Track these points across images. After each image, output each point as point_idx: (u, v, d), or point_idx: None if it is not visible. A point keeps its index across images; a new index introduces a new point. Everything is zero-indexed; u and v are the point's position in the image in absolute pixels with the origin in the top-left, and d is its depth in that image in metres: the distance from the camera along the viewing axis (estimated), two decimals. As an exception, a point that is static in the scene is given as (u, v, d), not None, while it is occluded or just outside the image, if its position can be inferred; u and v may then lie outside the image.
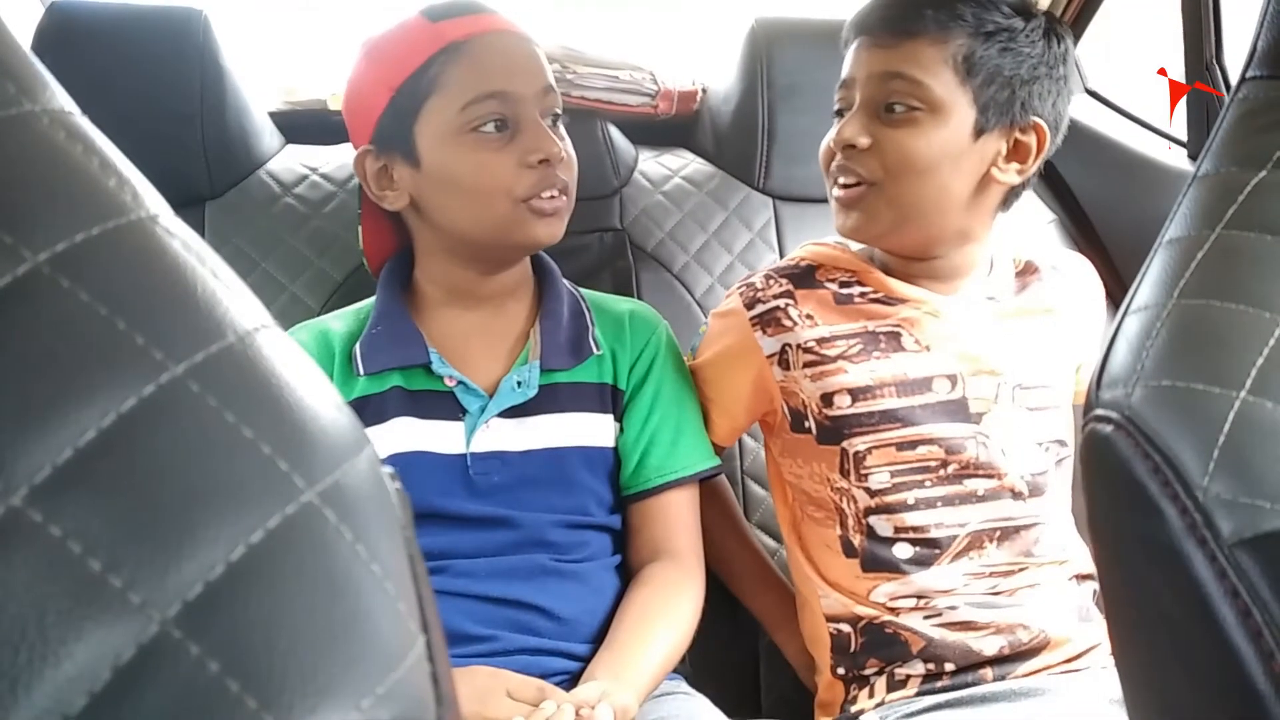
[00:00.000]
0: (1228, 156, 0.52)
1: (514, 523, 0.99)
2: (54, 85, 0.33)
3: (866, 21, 1.03)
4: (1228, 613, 0.39)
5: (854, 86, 1.02)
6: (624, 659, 0.95)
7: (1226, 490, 0.41)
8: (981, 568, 1.00)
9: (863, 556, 1.03)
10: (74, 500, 0.26)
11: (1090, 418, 0.48)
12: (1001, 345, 1.04)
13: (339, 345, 1.05)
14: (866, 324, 1.04)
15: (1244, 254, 0.48)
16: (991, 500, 1.01)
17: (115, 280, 0.29)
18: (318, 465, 0.29)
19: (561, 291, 1.12)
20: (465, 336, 1.07)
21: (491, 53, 1.00)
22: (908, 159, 0.98)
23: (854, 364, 1.03)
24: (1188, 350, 0.45)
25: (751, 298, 1.08)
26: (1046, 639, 0.98)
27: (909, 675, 1.00)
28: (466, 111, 0.98)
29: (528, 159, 0.98)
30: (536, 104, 1.00)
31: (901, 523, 1.01)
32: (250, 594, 0.27)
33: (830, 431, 1.04)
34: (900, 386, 1.02)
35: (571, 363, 1.06)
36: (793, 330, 1.05)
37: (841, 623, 1.04)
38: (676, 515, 1.07)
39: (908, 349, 1.03)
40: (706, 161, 1.62)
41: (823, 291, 1.07)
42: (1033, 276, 1.11)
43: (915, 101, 0.98)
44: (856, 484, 1.03)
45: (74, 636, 0.25)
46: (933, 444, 1.01)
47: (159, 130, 1.36)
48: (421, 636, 0.30)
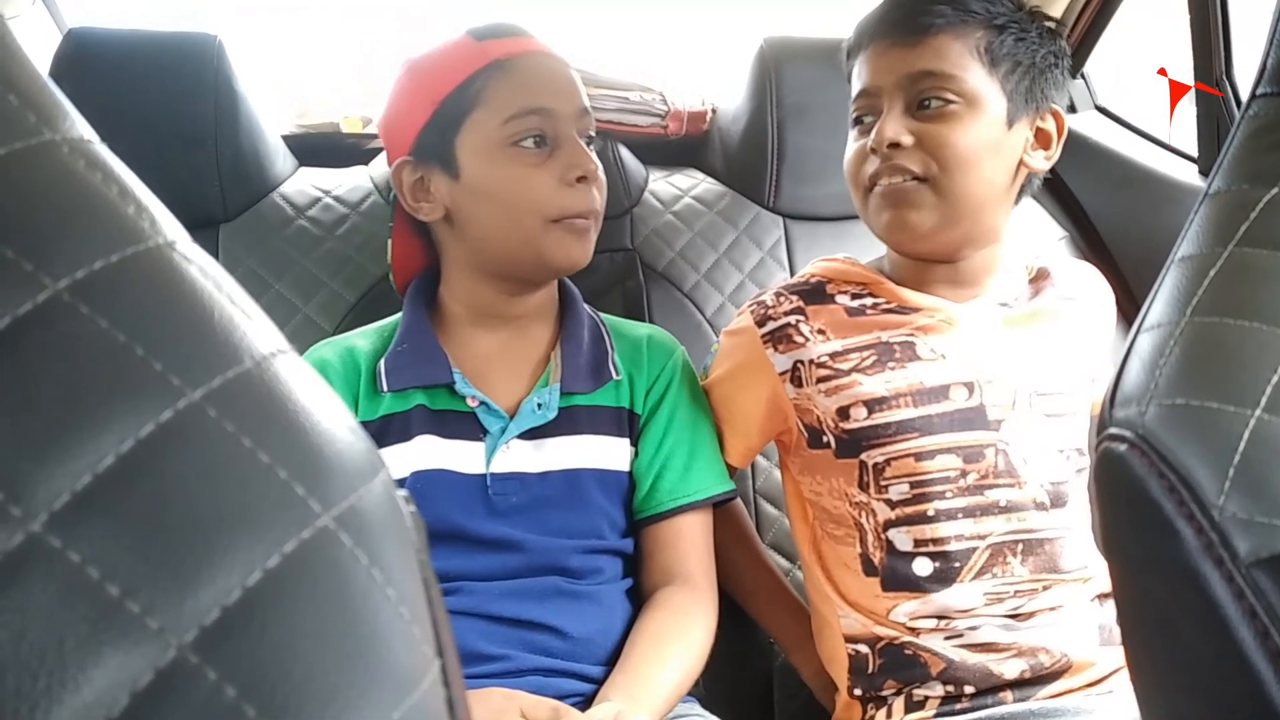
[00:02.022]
0: (1239, 174, 0.52)
1: (529, 547, 0.99)
2: (74, 114, 0.33)
3: (880, 25, 1.03)
4: (1246, 634, 0.39)
5: (879, 93, 1.02)
6: (638, 681, 0.94)
7: (1242, 509, 0.41)
8: (1004, 586, 0.98)
9: (883, 574, 1.01)
10: (93, 526, 0.26)
11: (1104, 436, 0.48)
12: (1017, 351, 1.03)
13: (365, 362, 1.06)
14: (880, 334, 1.04)
15: (1257, 271, 0.47)
16: (1014, 511, 0.99)
17: (134, 307, 0.29)
18: (334, 489, 0.30)
19: (583, 316, 1.12)
20: (488, 357, 1.08)
21: (534, 71, 1.04)
22: (955, 152, 0.98)
23: (868, 375, 1.02)
24: (1201, 368, 0.45)
25: (762, 315, 1.08)
26: (1069, 662, 0.97)
27: (927, 696, 0.98)
28: (508, 125, 1.00)
29: (566, 175, 1.01)
30: (574, 123, 1.03)
31: (922, 535, 1.00)
32: (267, 619, 0.27)
33: (848, 445, 1.03)
34: (916, 396, 1.01)
35: (591, 386, 1.07)
36: (805, 346, 1.04)
37: (860, 643, 1.03)
38: (689, 539, 1.07)
39: (923, 357, 1.02)
40: (716, 181, 1.62)
41: (834, 306, 1.06)
42: (1045, 282, 1.11)
43: (950, 95, 0.98)
44: (876, 496, 1.02)
45: (92, 662, 0.25)
46: (951, 453, 1.00)
47: (174, 154, 1.37)
48: (437, 661, 0.30)
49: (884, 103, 1.01)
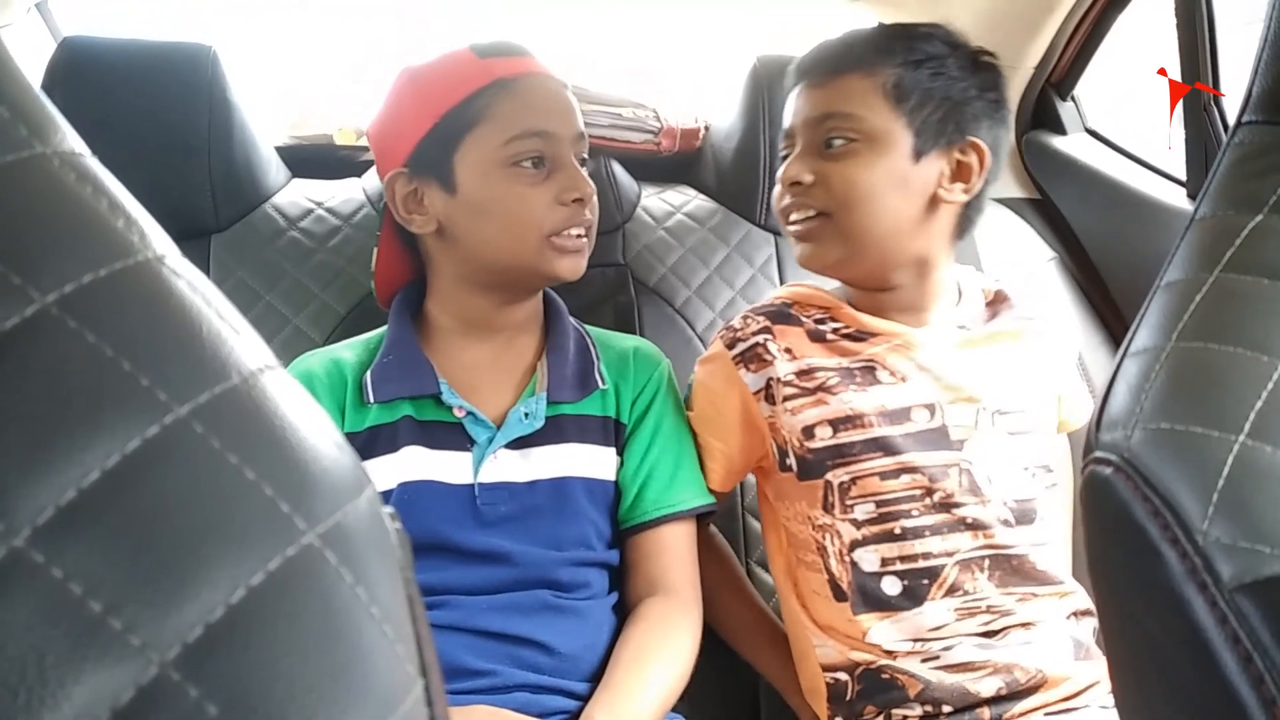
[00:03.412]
0: (1225, 200, 0.53)
1: (517, 559, 0.99)
2: (65, 127, 0.33)
3: (801, 68, 1.08)
4: (1229, 658, 0.39)
5: (795, 133, 1.06)
6: (622, 698, 0.94)
7: (1226, 534, 0.41)
8: (973, 602, 0.99)
9: (852, 597, 1.02)
10: (76, 541, 0.26)
11: (1090, 460, 0.48)
12: (976, 372, 1.05)
13: (351, 374, 1.06)
14: (841, 360, 1.05)
15: (1242, 297, 0.48)
16: (980, 528, 1.01)
17: (122, 321, 0.29)
18: (319, 507, 0.30)
19: (568, 327, 1.13)
20: (474, 368, 1.08)
21: (537, 93, 1.05)
22: (853, 187, 1.01)
23: (833, 395, 1.04)
24: (1186, 393, 0.46)
25: (731, 338, 1.10)
26: (1044, 678, 0.97)
27: (906, 715, 0.99)
28: (510, 145, 1.02)
29: (563, 196, 1.03)
30: (571, 147, 1.05)
31: (889, 553, 1.01)
32: (250, 636, 0.27)
33: (812, 465, 1.04)
34: (880, 417, 1.02)
35: (577, 396, 1.07)
36: (773, 364, 1.06)
37: (838, 671, 1.04)
38: (673, 550, 1.07)
39: (884, 381, 1.04)
40: (708, 198, 1.63)
41: (799, 327, 1.08)
42: (1004, 305, 1.12)
43: (851, 134, 1.01)
44: (841, 517, 1.02)
45: (74, 678, 0.25)
46: (916, 472, 1.01)
47: (166, 164, 1.37)
48: (420, 680, 0.30)
49: (794, 143, 1.06)
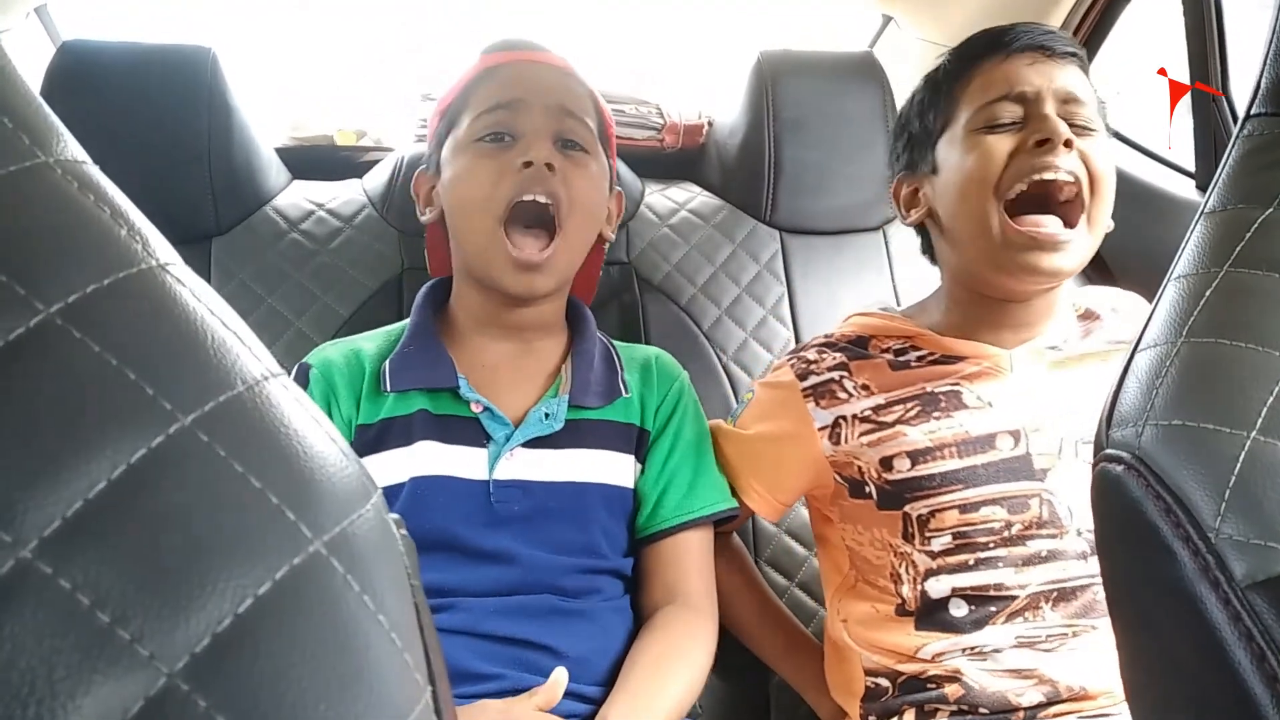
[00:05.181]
0: (1234, 193, 0.52)
1: (525, 561, 0.98)
2: (66, 135, 0.33)
3: (1021, 39, 1.01)
4: (1242, 657, 0.39)
5: (1033, 98, 0.98)
6: (638, 703, 0.93)
7: (1239, 532, 0.41)
8: (1036, 630, 0.96)
9: (917, 617, 1.00)
10: (84, 552, 0.26)
11: (1101, 457, 0.48)
12: (1064, 397, 1.00)
13: (370, 364, 1.05)
14: (925, 385, 1.02)
15: (1252, 292, 0.48)
16: (1054, 561, 0.97)
17: (126, 331, 0.29)
18: (325, 515, 0.29)
19: (593, 336, 1.13)
20: (494, 367, 1.08)
21: (514, 73, 1.06)
22: (1105, 171, 0.98)
23: (912, 426, 1.00)
24: (1197, 389, 0.45)
25: (804, 370, 1.06)
26: (1085, 692, 0.95)
27: (939, 709, 0.97)
28: (476, 123, 1.04)
29: (513, 164, 1.00)
30: (544, 118, 1.03)
31: (960, 583, 0.98)
32: (258, 646, 0.27)
33: (891, 496, 1.01)
34: (961, 446, 0.99)
35: (601, 402, 1.07)
36: (848, 402, 1.03)
37: (880, 676, 1.02)
38: (692, 558, 1.06)
39: (969, 405, 1.00)
40: (713, 194, 1.62)
41: (878, 360, 1.05)
42: (1094, 323, 1.08)
43: (1090, 125, 0.99)
44: (920, 548, 1.00)
45: (82, 690, 0.25)
46: (997, 504, 0.97)
47: (167, 167, 1.37)
48: (428, 688, 0.30)
49: (1039, 106, 0.97)
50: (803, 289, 1.52)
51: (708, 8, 2.28)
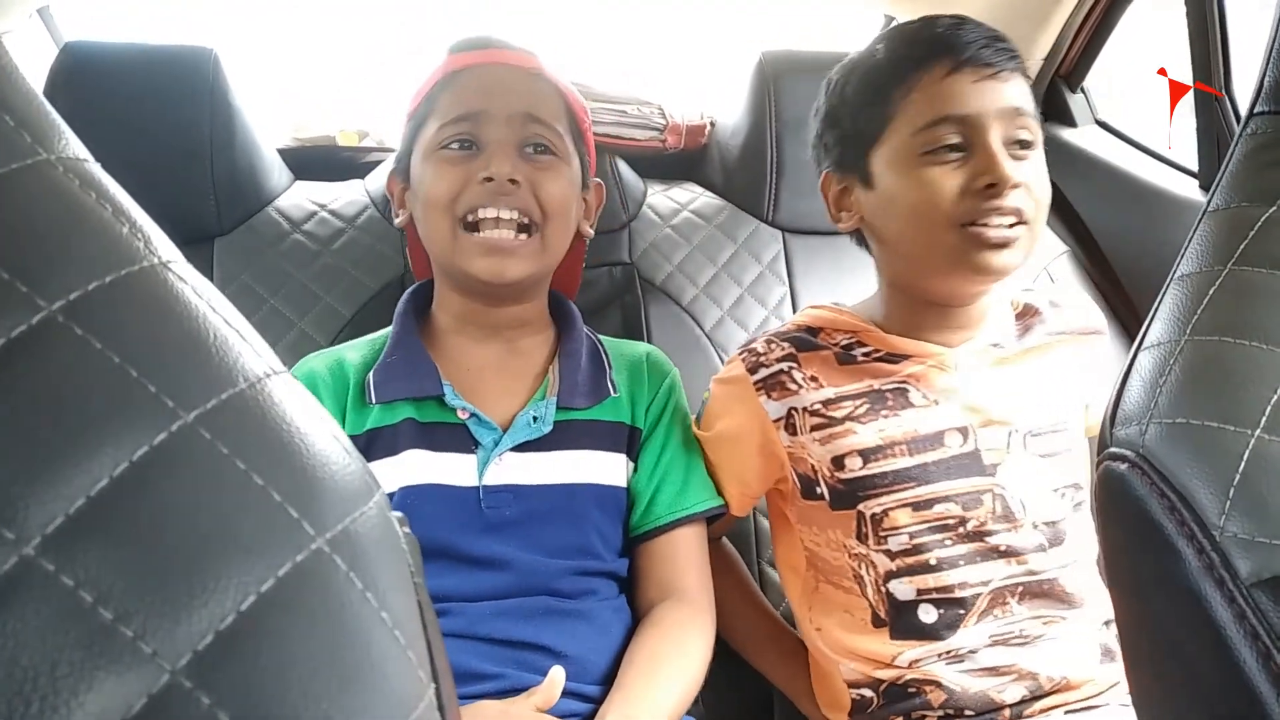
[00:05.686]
0: (1237, 191, 0.52)
1: (518, 566, 0.98)
2: (68, 133, 0.33)
3: (969, 49, 0.96)
4: (1248, 655, 0.39)
5: (976, 124, 0.94)
6: (636, 701, 0.93)
7: (1243, 530, 0.40)
8: (1008, 626, 0.97)
9: (891, 625, 1.00)
10: (86, 549, 0.26)
11: (1105, 455, 0.48)
12: (1009, 393, 1.01)
13: (354, 375, 1.05)
14: (872, 382, 1.02)
15: (1255, 290, 0.47)
16: (1014, 555, 0.98)
17: (128, 328, 0.29)
18: (328, 512, 0.29)
19: (580, 334, 1.12)
20: (480, 370, 1.07)
21: (477, 79, 1.05)
22: (1045, 196, 0.97)
23: (862, 424, 1.00)
24: (1201, 388, 0.45)
25: (754, 362, 1.06)
26: (1067, 683, 0.96)
27: (926, 714, 0.98)
28: (440, 132, 1.03)
29: (475, 176, 1.01)
30: (508, 129, 1.03)
31: (924, 584, 0.99)
32: (261, 643, 0.27)
33: (844, 495, 1.01)
34: (911, 444, 0.99)
35: (588, 403, 1.06)
36: (797, 394, 1.03)
37: (863, 688, 1.02)
38: (686, 553, 1.06)
39: (916, 404, 1.01)
40: (715, 195, 1.62)
41: (825, 353, 1.05)
42: (1034, 318, 1.09)
43: (1030, 134, 0.97)
44: (875, 548, 1.00)
45: (85, 687, 0.25)
46: (949, 501, 0.98)
47: (169, 168, 1.37)
48: (432, 686, 0.30)
49: (983, 135, 0.94)
50: (805, 289, 1.52)
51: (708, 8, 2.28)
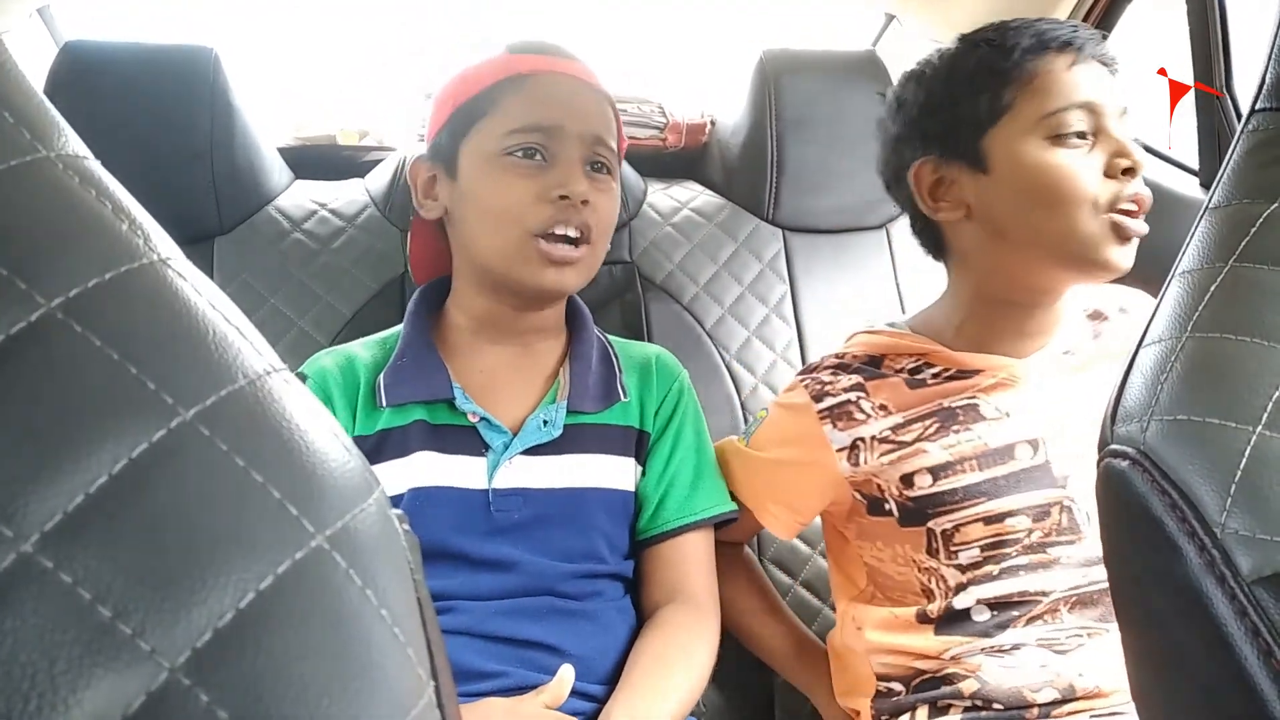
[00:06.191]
0: (1239, 188, 0.52)
1: (525, 568, 0.98)
2: (67, 130, 0.33)
3: (1088, 45, 0.97)
4: (1249, 652, 0.39)
5: (1102, 112, 0.95)
6: (643, 700, 0.93)
7: (1244, 526, 0.40)
8: (1055, 633, 0.96)
9: (938, 624, 1.00)
10: (85, 547, 0.26)
11: (1106, 452, 0.48)
12: (1080, 400, 0.99)
13: (364, 374, 1.05)
14: (943, 401, 1.01)
15: (1257, 287, 0.47)
16: (1075, 567, 0.97)
17: (127, 325, 0.29)
18: (327, 510, 0.29)
19: (592, 336, 1.12)
20: (491, 372, 1.07)
21: (549, 89, 1.03)
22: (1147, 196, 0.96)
23: (932, 443, 1.00)
24: (1202, 385, 0.45)
25: (819, 391, 1.05)
26: (1099, 690, 0.95)
27: (952, 704, 0.97)
28: (509, 138, 1.00)
29: (549, 192, 0.99)
30: (580, 147, 1.02)
31: (984, 594, 0.98)
32: (260, 641, 0.27)
33: (913, 513, 1.01)
34: (981, 459, 0.98)
35: (599, 407, 1.06)
36: (865, 423, 1.02)
37: (893, 681, 1.02)
38: (693, 558, 1.06)
39: (987, 417, 1.00)
40: (715, 193, 1.62)
41: (894, 379, 1.04)
42: (1103, 323, 1.07)
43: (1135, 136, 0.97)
44: (947, 563, 1.00)
45: (84, 684, 0.25)
46: (1018, 515, 0.97)
47: (169, 167, 1.37)
48: (431, 684, 0.30)
49: (1108, 122, 0.95)
50: (805, 287, 1.52)
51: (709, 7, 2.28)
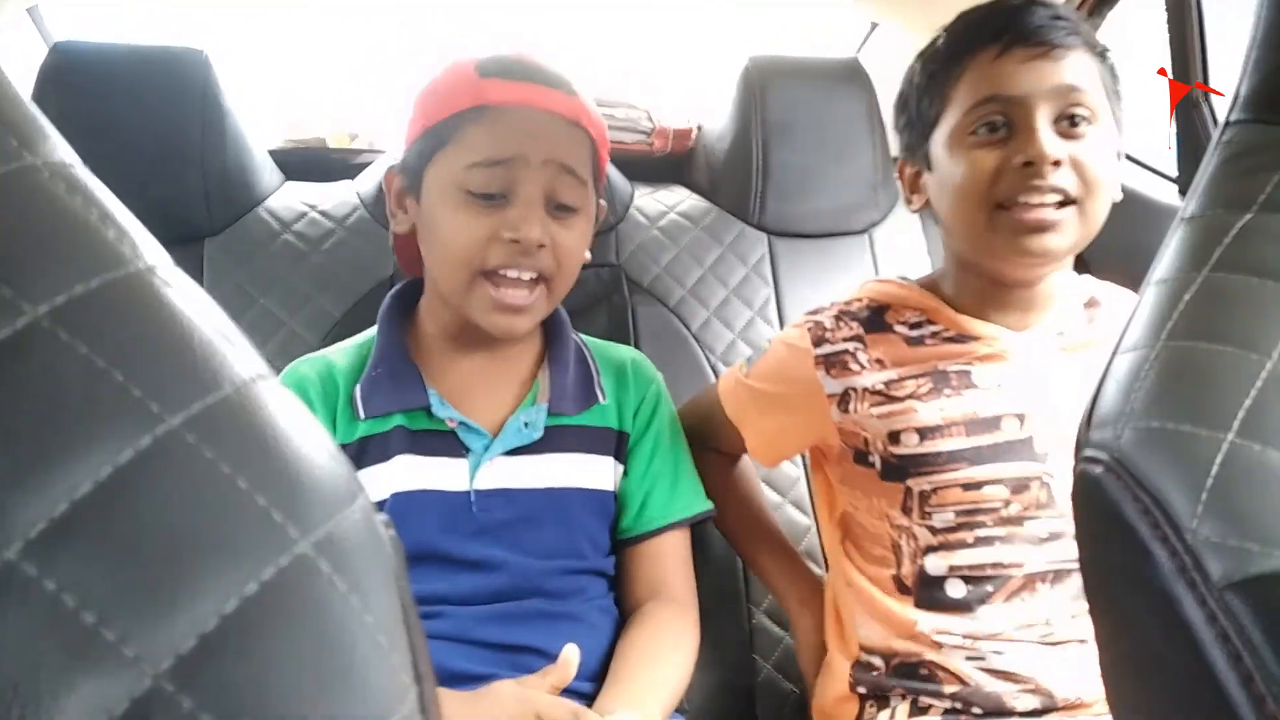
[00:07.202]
0: (1214, 199, 0.53)
1: (510, 568, 0.99)
2: (55, 136, 0.33)
3: (1021, 31, 0.96)
4: (1218, 656, 0.39)
5: (1023, 103, 0.94)
6: (637, 693, 0.94)
7: (1215, 533, 0.41)
8: (1034, 617, 0.97)
9: (916, 595, 1.01)
10: (69, 553, 0.26)
11: (1081, 458, 0.48)
12: (1068, 381, 1.00)
13: (343, 382, 1.04)
14: (938, 363, 1.02)
15: (1231, 296, 0.48)
16: (1051, 542, 0.98)
17: (113, 332, 0.29)
18: (312, 515, 0.30)
19: (569, 340, 1.12)
20: (467, 376, 1.07)
21: (515, 124, 0.98)
22: (1100, 174, 0.95)
23: (923, 403, 1.01)
24: (1176, 392, 0.46)
25: (819, 336, 1.07)
26: (1080, 701, 0.96)
27: (932, 704, 0.98)
28: (469, 172, 0.97)
29: (500, 234, 0.96)
30: (544, 176, 0.98)
31: (957, 561, 0.99)
32: (244, 647, 0.27)
33: (895, 469, 1.02)
34: (969, 425, 1.00)
35: (577, 409, 1.07)
36: (859, 375, 1.03)
37: (874, 655, 1.04)
38: (674, 556, 1.08)
39: (980, 386, 1.01)
40: (702, 198, 1.63)
41: (893, 335, 1.05)
42: (1096, 310, 1.08)
43: (1087, 112, 0.95)
44: (919, 522, 1.01)
45: (66, 691, 0.25)
46: (999, 484, 0.99)
47: (160, 168, 1.37)
48: (414, 689, 0.30)
49: (1026, 114, 0.94)
50: (790, 291, 1.53)
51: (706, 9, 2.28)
